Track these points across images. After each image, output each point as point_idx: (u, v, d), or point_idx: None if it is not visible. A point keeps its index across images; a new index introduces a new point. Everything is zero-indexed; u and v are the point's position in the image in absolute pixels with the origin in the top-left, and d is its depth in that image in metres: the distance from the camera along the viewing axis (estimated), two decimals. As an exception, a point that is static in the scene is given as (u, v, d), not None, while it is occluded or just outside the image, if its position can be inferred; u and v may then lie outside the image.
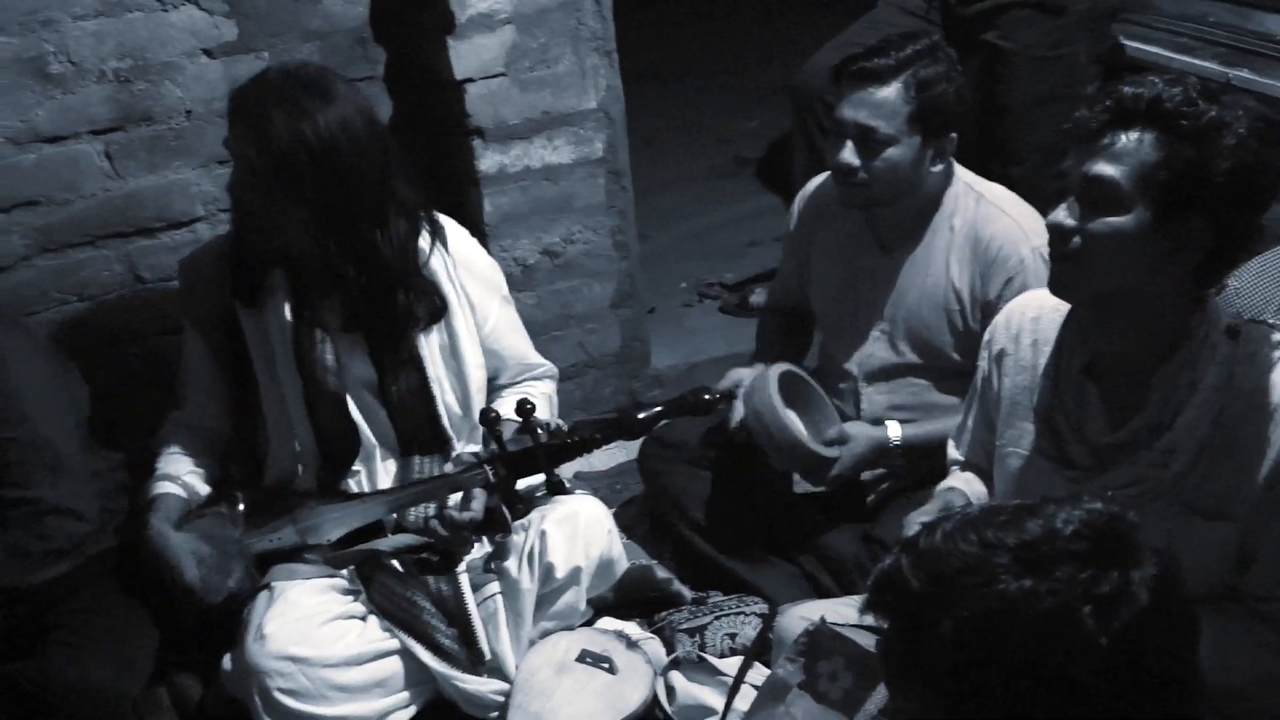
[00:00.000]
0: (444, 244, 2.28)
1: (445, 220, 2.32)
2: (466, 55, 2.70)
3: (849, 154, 2.24)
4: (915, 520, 1.75)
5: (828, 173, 2.40)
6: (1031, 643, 1.04)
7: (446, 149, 2.85)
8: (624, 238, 3.04)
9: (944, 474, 2.03)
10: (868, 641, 1.66)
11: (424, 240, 2.25)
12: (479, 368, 2.33)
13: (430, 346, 2.27)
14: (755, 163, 4.69)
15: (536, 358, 2.46)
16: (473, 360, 2.31)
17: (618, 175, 2.97)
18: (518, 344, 2.43)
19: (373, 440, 2.28)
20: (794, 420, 2.29)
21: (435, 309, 2.25)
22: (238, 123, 2.07)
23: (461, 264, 2.30)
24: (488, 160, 2.80)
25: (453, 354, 2.30)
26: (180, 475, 2.26)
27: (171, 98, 2.59)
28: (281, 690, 2.10)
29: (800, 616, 1.89)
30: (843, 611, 1.80)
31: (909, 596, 1.11)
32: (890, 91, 2.20)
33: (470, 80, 2.72)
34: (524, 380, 2.43)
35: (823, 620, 1.75)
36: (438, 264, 2.26)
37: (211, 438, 2.34)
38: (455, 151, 2.83)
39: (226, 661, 2.19)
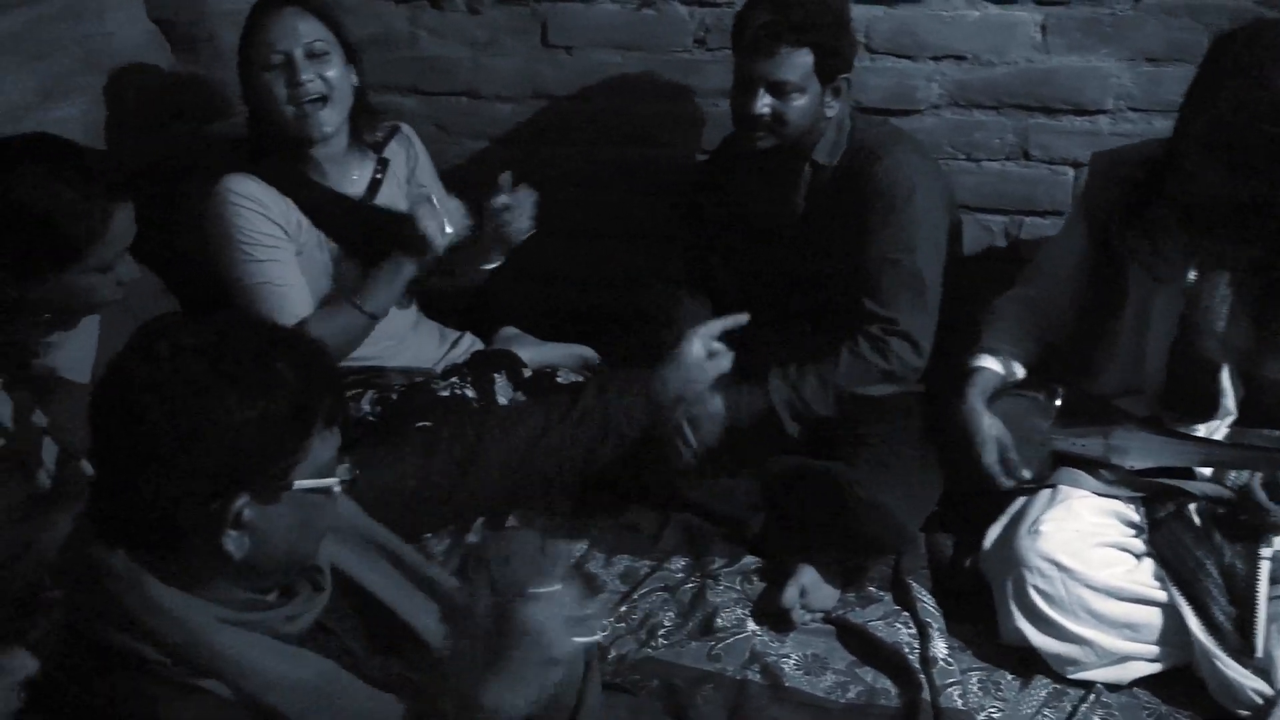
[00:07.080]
0: None
1: None
2: None
3: None
4: None
5: None
6: None
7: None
8: None
9: None
10: None
11: None
12: None
13: None
14: None
15: None
16: None
17: None
18: None
19: (1227, 410, 2.14)
20: None
21: None
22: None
23: None
24: None
25: None
26: (1002, 351, 2.29)
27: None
28: (1037, 589, 2.09)
29: None
30: None
31: None
32: None
33: None
34: None
35: None
36: None
37: (1044, 323, 2.34)
38: None
39: (988, 541, 2.22)
